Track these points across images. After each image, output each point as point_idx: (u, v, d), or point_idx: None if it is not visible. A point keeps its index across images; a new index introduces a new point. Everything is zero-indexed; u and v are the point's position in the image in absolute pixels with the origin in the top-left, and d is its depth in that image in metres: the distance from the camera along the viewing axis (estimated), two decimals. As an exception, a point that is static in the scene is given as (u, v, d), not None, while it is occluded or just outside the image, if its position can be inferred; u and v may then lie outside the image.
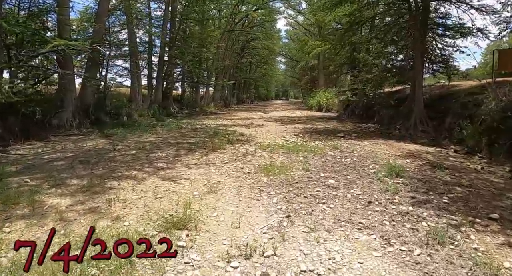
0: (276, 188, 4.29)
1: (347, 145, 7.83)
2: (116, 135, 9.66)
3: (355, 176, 5.01)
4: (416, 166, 5.98)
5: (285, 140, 8.57)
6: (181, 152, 6.74)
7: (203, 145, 7.59)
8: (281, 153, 6.69)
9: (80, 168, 5.52)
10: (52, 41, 9.14)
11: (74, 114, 11.76)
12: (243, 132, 10.16)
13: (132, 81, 15.71)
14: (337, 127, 12.25)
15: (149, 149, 7.07)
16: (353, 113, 16.66)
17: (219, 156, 6.35)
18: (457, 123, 9.60)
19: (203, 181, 4.60)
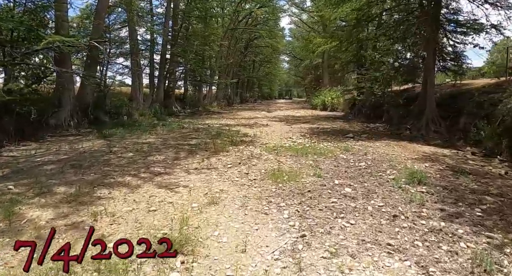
0: (286, 199, 3.76)
1: (358, 147, 7.28)
2: (115, 136, 9.19)
3: (372, 183, 4.47)
4: (437, 171, 5.43)
5: (291, 141, 8.03)
6: (181, 155, 6.23)
7: (205, 146, 7.07)
8: (289, 156, 6.16)
9: (71, 173, 5.03)
10: (47, 38, 8.66)
11: (72, 114, 11.30)
12: (247, 132, 9.63)
13: (133, 79, 15.21)
14: (345, 127, 11.69)
15: (147, 151, 6.56)
16: (360, 113, 16.07)
17: (222, 160, 5.83)
18: (473, 123, 9.03)
19: (203, 190, 4.08)
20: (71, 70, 10.87)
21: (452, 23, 11.57)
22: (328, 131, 10.44)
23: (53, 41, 8.47)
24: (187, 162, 5.63)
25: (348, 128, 11.55)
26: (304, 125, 12.34)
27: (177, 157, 6.02)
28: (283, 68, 53.90)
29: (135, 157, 6.10)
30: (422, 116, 10.53)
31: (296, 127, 11.53)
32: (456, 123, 10.01)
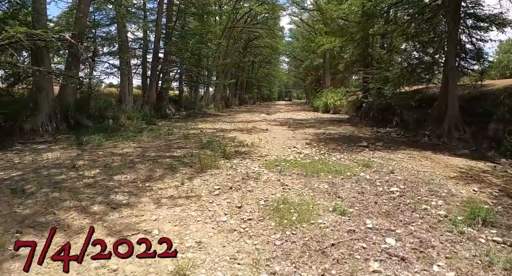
0: (298, 264, 2.31)
1: (379, 161, 5.85)
2: (91, 143, 7.77)
3: (420, 225, 3.03)
4: (491, 198, 4.01)
5: (296, 152, 6.59)
6: (157, 173, 4.77)
7: (191, 160, 5.62)
8: (296, 175, 4.71)
9: (3, 202, 3.61)
10: (9, 30, 7.21)
11: (50, 117, 9.89)
12: (244, 139, 8.20)
13: (121, 79, 13.73)
14: (354, 133, 10.25)
15: (117, 167, 5.12)
16: (366, 116, 14.63)
17: (208, 181, 4.38)
18: (507, 130, 7.63)
19: (172, 240, 2.63)
20: (44, 69, 9.40)
21: (472, 17, 10.15)
22: (336, 138, 9.00)
23: (14, 34, 7.03)
24: (162, 185, 4.18)
25: (357, 134, 10.12)
26: (308, 130, 10.91)
27: (150, 177, 4.57)
28: (283, 69, 52.36)
29: (99, 176, 4.66)
30: (443, 121, 9.11)
31: (300, 132, 10.09)
32: (482, 130, 8.58)
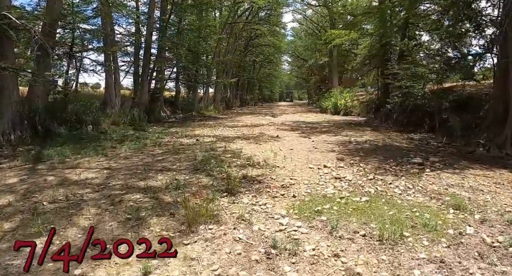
0: None
1: (462, 192, 3.68)
2: (52, 160, 5.65)
3: None
4: None
5: (333, 176, 4.40)
6: (102, 234, 2.60)
7: (174, 198, 3.45)
8: (362, 239, 2.54)
9: None
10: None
11: (14, 124, 7.77)
12: (253, 153, 6.03)
13: (106, 79, 11.57)
14: (385, 141, 8.05)
15: (44, 219, 2.95)
16: (388, 118, 12.45)
17: (199, 266, 2.21)
18: None
19: None
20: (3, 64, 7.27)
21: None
22: (371, 149, 6.80)
23: None
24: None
25: (391, 142, 7.93)
26: (328, 137, 8.72)
27: (94, 246, 2.40)
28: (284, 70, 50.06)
29: (8, 236, 2.50)
30: (502, 127, 6.95)
31: (320, 141, 7.91)
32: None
